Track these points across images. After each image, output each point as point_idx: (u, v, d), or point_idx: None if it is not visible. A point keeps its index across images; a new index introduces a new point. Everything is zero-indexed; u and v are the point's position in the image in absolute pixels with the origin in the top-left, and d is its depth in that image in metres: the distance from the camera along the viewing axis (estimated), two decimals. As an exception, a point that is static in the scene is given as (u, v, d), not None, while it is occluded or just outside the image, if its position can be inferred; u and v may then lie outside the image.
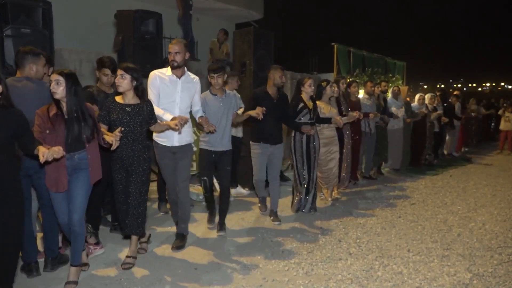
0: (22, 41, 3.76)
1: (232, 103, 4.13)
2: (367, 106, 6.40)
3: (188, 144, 3.78)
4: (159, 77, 3.62)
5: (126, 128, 3.21)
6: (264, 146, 4.46)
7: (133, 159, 3.28)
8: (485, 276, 3.27)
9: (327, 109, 5.10)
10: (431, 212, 5.09)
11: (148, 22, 4.83)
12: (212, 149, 4.04)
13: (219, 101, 4.03)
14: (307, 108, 4.70)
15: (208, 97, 4.03)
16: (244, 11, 11.66)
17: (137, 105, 3.29)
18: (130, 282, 3.11)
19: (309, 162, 4.81)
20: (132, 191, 3.29)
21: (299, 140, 4.76)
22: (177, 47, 3.57)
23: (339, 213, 4.96)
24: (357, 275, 3.26)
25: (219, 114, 4.01)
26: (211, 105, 4.00)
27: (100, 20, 7.99)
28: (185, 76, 3.69)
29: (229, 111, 4.08)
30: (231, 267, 3.41)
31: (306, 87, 4.74)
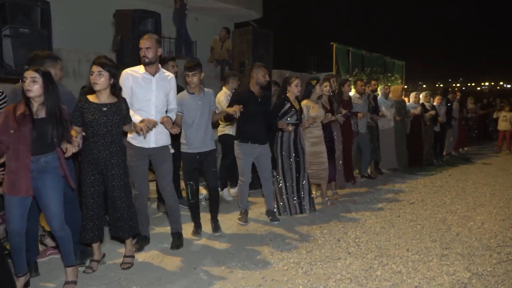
0: (20, 41, 3.75)
1: (211, 101, 3.98)
2: (358, 105, 6.34)
3: (166, 146, 3.63)
4: (132, 76, 3.47)
5: (103, 129, 3.06)
6: (252, 147, 4.32)
7: (111, 162, 3.12)
8: (484, 275, 3.27)
9: (316, 109, 4.96)
10: (430, 211, 5.09)
11: (147, 22, 4.81)
12: (195, 151, 3.89)
13: (197, 99, 3.86)
14: (294, 109, 4.58)
15: (185, 96, 3.86)
16: (243, 10, 11.67)
17: (114, 104, 3.12)
18: (129, 281, 3.11)
19: (298, 163, 4.69)
20: (117, 195, 3.17)
21: (287, 141, 4.64)
22: (148, 42, 3.43)
23: (338, 213, 4.96)
24: (356, 275, 3.26)
25: (198, 113, 3.84)
26: (188, 105, 3.82)
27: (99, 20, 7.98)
28: (160, 73, 3.55)
29: (209, 109, 3.94)
30: (230, 266, 3.41)
31: (292, 87, 4.60)
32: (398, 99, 7.59)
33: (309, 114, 4.89)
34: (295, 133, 4.64)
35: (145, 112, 3.43)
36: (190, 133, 3.86)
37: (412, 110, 7.75)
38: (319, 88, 4.99)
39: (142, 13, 4.76)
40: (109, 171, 3.13)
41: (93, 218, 3.16)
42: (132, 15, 4.62)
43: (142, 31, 4.74)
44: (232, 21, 12.21)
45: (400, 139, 7.49)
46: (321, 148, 5.08)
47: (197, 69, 3.79)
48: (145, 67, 3.48)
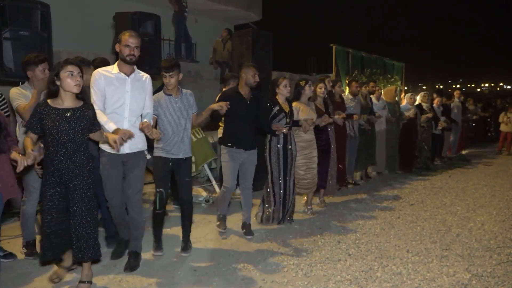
0: (20, 44, 3.76)
1: (190, 104, 3.65)
2: (350, 107, 6.12)
3: (141, 151, 3.35)
4: (105, 76, 3.19)
5: (65, 137, 2.75)
6: (237, 152, 4.03)
7: (74, 173, 2.80)
8: (484, 276, 3.27)
9: (305, 112, 4.67)
10: (430, 212, 5.09)
11: (147, 24, 4.83)
12: (169, 156, 3.57)
13: (174, 102, 3.56)
14: (283, 112, 4.31)
15: (161, 98, 3.56)
16: (243, 12, 11.68)
17: (78, 109, 2.81)
18: (129, 284, 3.11)
19: (285, 169, 4.44)
20: (78, 209, 2.80)
21: (275, 145, 4.38)
22: (135, 40, 3.19)
23: (338, 214, 4.96)
24: (356, 276, 3.26)
25: (175, 116, 3.55)
26: (165, 107, 3.54)
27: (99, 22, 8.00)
28: (135, 74, 3.29)
29: (187, 112, 3.62)
30: (230, 268, 3.41)
31: (281, 88, 4.33)
32: (391, 100, 7.42)
33: (298, 117, 4.64)
34: (285, 137, 4.38)
35: (118, 115, 3.19)
36: (165, 137, 3.54)
37: (406, 112, 7.56)
38: (308, 89, 4.71)
39: (141, 15, 4.77)
40: (72, 182, 2.81)
41: (50, 237, 2.81)
42: (132, 17, 4.64)
43: (142, 33, 4.75)
44: (231, 23, 12.22)
45: (392, 142, 7.35)
46: (312, 153, 4.80)
47: (175, 69, 3.50)
48: (120, 67, 3.23)
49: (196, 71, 8.33)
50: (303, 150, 4.72)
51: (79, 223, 2.80)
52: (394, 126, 7.33)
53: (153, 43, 4.86)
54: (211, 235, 4.19)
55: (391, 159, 7.42)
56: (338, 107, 5.72)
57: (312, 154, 4.80)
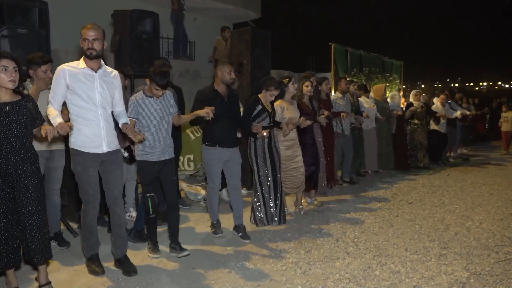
0: (18, 42, 3.74)
1: (171, 105, 3.58)
2: (339, 106, 6.03)
3: (118, 149, 3.26)
4: (69, 72, 2.99)
5: (7, 132, 2.61)
6: (220, 151, 3.96)
7: (24, 170, 2.68)
8: (483, 274, 3.27)
9: (291, 110, 4.62)
10: (428, 211, 5.10)
11: (145, 22, 4.81)
12: (154, 159, 3.50)
13: (155, 103, 3.46)
14: (266, 112, 4.24)
15: (142, 99, 3.45)
16: (242, 11, 11.67)
17: (17, 102, 2.69)
18: (128, 282, 3.10)
19: (274, 168, 4.37)
20: (32, 209, 2.69)
21: (261, 145, 4.31)
22: (95, 32, 2.98)
23: (336, 213, 4.97)
24: (355, 274, 3.26)
25: (157, 118, 3.46)
26: (147, 109, 3.43)
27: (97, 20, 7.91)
28: (102, 69, 3.12)
29: (168, 114, 3.55)
30: (229, 267, 3.41)
31: (266, 93, 4.25)
32: (380, 98, 7.34)
33: (283, 115, 4.56)
34: (269, 136, 4.31)
35: (92, 112, 3.04)
36: (148, 140, 3.45)
37: (395, 110, 7.51)
38: (292, 87, 4.62)
39: (140, 13, 4.75)
40: (22, 181, 2.67)
41: (8, 241, 2.67)
42: (130, 15, 4.62)
43: (140, 31, 4.74)
44: (230, 21, 12.21)
45: (386, 140, 7.29)
46: (296, 152, 4.74)
47: None
48: (87, 62, 3.03)
49: (195, 69, 8.31)
50: (288, 149, 4.66)
51: (35, 223, 2.71)
52: (385, 124, 7.27)
53: (151, 41, 4.84)
54: (210, 234, 4.18)
55: (385, 157, 7.37)
56: (325, 105, 5.63)
57: (296, 153, 4.73)
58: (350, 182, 6.48)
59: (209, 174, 4.07)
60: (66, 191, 4.19)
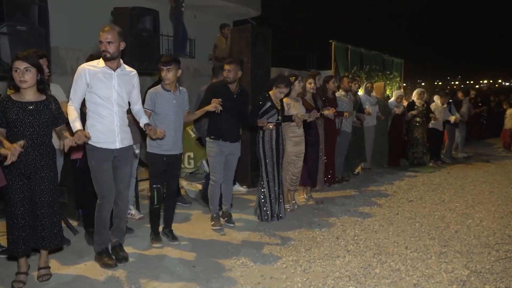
0: (18, 39, 3.73)
1: (185, 101, 3.74)
2: (343, 104, 6.06)
3: (130, 146, 3.35)
4: (90, 71, 3.10)
5: (30, 129, 2.82)
6: (223, 144, 4.13)
7: (42, 164, 2.88)
8: (483, 272, 3.27)
9: (297, 107, 4.72)
10: (428, 209, 5.10)
11: (145, 19, 4.80)
12: (163, 152, 3.63)
13: (172, 98, 3.61)
14: (275, 108, 4.34)
15: (160, 92, 3.60)
16: (242, 8, 11.64)
17: (41, 103, 2.88)
18: (128, 279, 3.10)
19: (278, 164, 4.46)
20: (45, 200, 2.90)
21: (268, 141, 4.36)
22: (109, 35, 3.06)
23: (336, 211, 4.96)
24: (355, 272, 3.26)
25: (172, 112, 3.61)
26: (163, 103, 3.58)
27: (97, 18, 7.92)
28: (121, 68, 3.23)
29: (182, 109, 3.72)
30: (229, 264, 3.41)
31: (276, 91, 4.33)
32: (380, 96, 7.36)
33: (290, 112, 4.66)
34: (277, 132, 4.39)
35: (108, 109, 3.15)
36: None
37: (395, 108, 7.51)
38: (298, 85, 4.72)
39: (140, 10, 4.75)
40: (38, 173, 2.88)
41: (25, 228, 2.87)
42: (130, 12, 4.61)
43: (140, 28, 4.73)
44: (230, 19, 12.17)
45: (382, 138, 7.30)
46: (303, 149, 4.81)
47: (173, 64, 3.54)
48: (105, 61, 3.15)
49: (195, 67, 8.29)
50: (296, 145, 4.73)
51: (46, 212, 2.90)
52: (383, 122, 7.28)
53: (151, 39, 4.84)
54: (210, 231, 4.18)
55: (379, 155, 7.39)
56: (330, 103, 5.66)
57: (302, 150, 4.80)
58: (342, 180, 6.40)
59: (212, 166, 4.21)
60: (66, 189, 4.18)
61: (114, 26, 3.18)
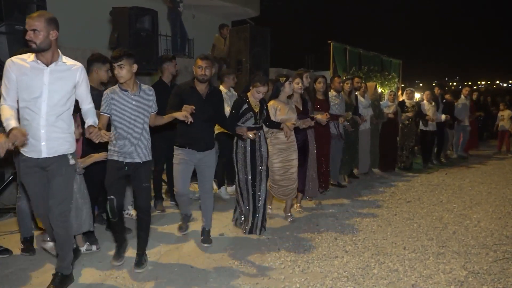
0: (16, 38, 3.72)
1: (150, 101, 3.22)
2: (334, 105, 5.71)
3: (63, 156, 2.79)
4: (17, 65, 2.66)
5: None
6: (190, 153, 3.67)
7: None
8: (481, 273, 3.28)
9: (284, 111, 4.29)
10: (426, 210, 5.11)
11: (144, 19, 4.80)
12: (123, 160, 3.16)
13: (130, 98, 3.12)
14: (251, 111, 3.92)
15: (116, 93, 3.12)
16: (240, 8, 11.65)
17: None
18: (125, 280, 3.10)
19: (254, 174, 4.01)
20: None
21: (242, 147, 3.97)
22: (36, 22, 2.58)
23: (334, 211, 4.97)
24: (353, 273, 3.26)
25: (131, 115, 3.12)
26: (120, 104, 3.10)
27: (95, 17, 7.94)
28: (57, 63, 2.73)
29: (145, 111, 3.20)
30: (227, 265, 3.40)
31: (253, 91, 3.94)
32: (371, 97, 6.99)
33: (276, 117, 4.25)
34: (254, 139, 3.95)
35: (32, 112, 2.66)
36: (120, 139, 3.14)
37: (386, 110, 7.21)
38: (288, 87, 4.28)
39: (138, 10, 4.75)
40: None
41: None
42: (129, 12, 4.61)
43: (139, 28, 4.73)
44: (229, 19, 12.18)
45: (375, 140, 7.05)
46: (291, 156, 4.37)
47: (124, 59, 3.05)
48: (36, 54, 2.68)
49: (193, 67, 8.30)
50: (281, 152, 4.33)
51: None
52: (375, 124, 7.00)
53: (150, 38, 4.83)
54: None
55: (372, 158, 7.11)
56: (321, 105, 5.35)
57: (291, 157, 4.38)
58: (338, 185, 6.14)
59: (175, 177, 3.78)
60: None
61: (44, 12, 2.71)
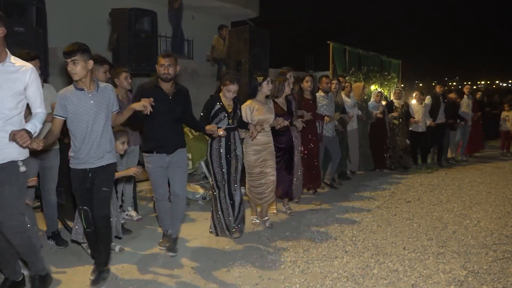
0: (15, 40, 3.71)
1: (110, 100, 2.97)
2: (322, 106, 5.60)
3: (10, 162, 2.57)
4: None
5: None
6: (159, 157, 3.47)
7: None
8: (480, 273, 3.28)
9: (261, 111, 4.12)
10: (426, 209, 5.11)
11: (143, 20, 4.81)
12: (86, 166, 2.93)
13: (88, 98, 2.85)
14: (224, 111, 3.81)
15: (70, 93, 2.84)
16: (240, 9, 11.65)
17: None
18: (126, 281, 3.10)
19: (229, 175, 3.92)
20: None
21: (216, 149, 3.86)
22: None
23: (334, 211, 4.97)
24: (353, 273, 3.27)
25: (89, 116, 2.84)
26: (76, 105, 2.82)
27: (95, 19, 7.95)
28: (4, 63, 2.60)
29: (105, 111, 2.93)
30: (228, 265, 3.40)
31: (223, 90, 3.80)
32: (359, 98, 6.93)
33: (252, 117, 4.08)
34: (227, 139, 3.84)
35: None
36: (79, 144, 2.88)
37: (374, 111, 7.13)
38: (266, 86, 4.13)
39: (138, 11, 4.76)
40: None
41: None
42: (128, 13, 4.62)
43: (138, 29, 4.73)
44: (229, 20, 12.18)
45: (365, 140, 7.01)
46: (268, 157, 4.20)
47: (78, 54, 2.74)
48: None
49: (193, 68, 8.30)
50: (258, 154, 4.16)
51: None
52: (363, 124, 6.96)
53: (149, 40, 4.84)
54: (208, 233, 4.18)
55: (365, 158, 7.11)
56: (308, 105, 5.22)
57: (267, 158, 4.21)
58: (331, 186, 6.06)
59: (152, 183, 3.63)
60: (63, 190, 4.17)
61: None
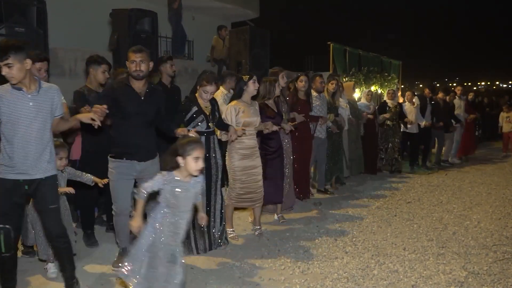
0: (16, 40, 3.74)
1: (53, 103, 2.65)
2: (315, 106, 5.35)
3: None
4: None
5: None
6: (128, 164, 3.09)
7: None
8: (480, 274, 3.28)
9: (248, 113, 3.89)
10: (426, 210, 5.11)
11: (144, 21, 4.83)
12: (20, 177, 2.55)
13: (27, 99, 2.54)
14: (202, 114, 3.55)
15: (6, 93, 2.53)
16: (240, 10, 11.66)
17: None
18: (125, 281, 3.09)
19: (209, 183, 3.61)
20: None
21: None
22: None
23: (334, 212, 4.97)
24: (353, 274, 3.27)
25: (27, 119, 2.53)
26: (12, 106, 2.51)
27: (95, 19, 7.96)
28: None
29: (46, 115, 2.61)
30: (228, 266, 3.40)
31: (200, 91, 3.54)
32: (349, 98, 6.68)
33: (238, 119, 3.85)
34: (207, 143, 3.54)
35: None
36: (12, 150, 2.53)
37: (365, 111, 6.90)
38: (253, 86, 3.91)
39: (138, 12, 4.77)
40: None
41: None
42: (129, 14, 4.63)
43: (139, 30, 4.74)
44: (229, 20, 12.19)
45: (356, 143, 6.70)
46: (254, 162, 3.98)
47: (11, 56, 2.44)
48: None
49: (193, 68, 8.30)
50: (244, 159, 3.93)
51: None
52: (354, 126, 6.63)
53: (150, 40, 4.85)
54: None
55: (356, 162, 6.80)
56: (302, 106, 5.05)
57: (254, 164, 3.99)
58: (324, 192, 5.76)
59: (113, 194, 3.16)
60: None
61: None
